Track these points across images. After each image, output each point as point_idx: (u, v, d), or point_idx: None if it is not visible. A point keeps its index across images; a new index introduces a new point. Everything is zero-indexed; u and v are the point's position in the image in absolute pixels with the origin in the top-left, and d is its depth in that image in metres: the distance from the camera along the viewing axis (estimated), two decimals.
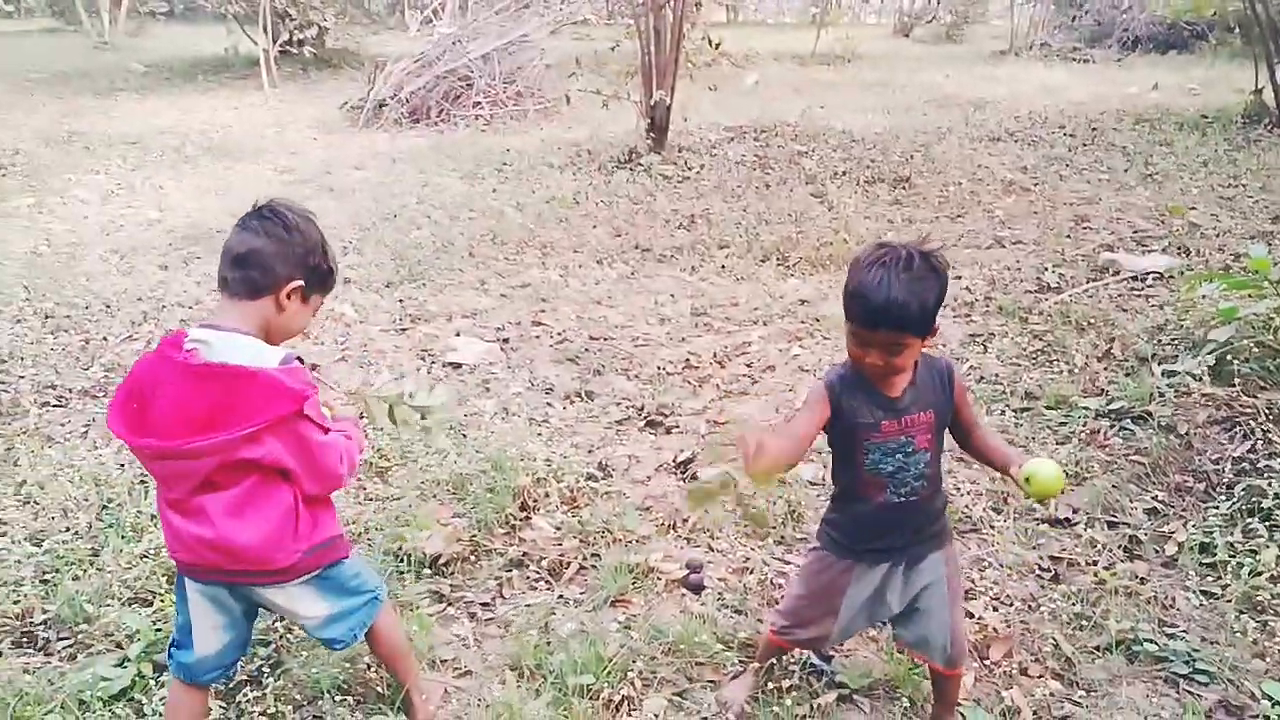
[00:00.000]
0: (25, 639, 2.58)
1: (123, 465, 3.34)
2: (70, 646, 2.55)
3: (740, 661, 2.46)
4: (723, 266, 5.63)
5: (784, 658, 2.46)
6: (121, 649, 2.50)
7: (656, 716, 2.26)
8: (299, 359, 1.86)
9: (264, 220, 1.88)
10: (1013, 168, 7.91)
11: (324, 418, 1.88)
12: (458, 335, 4.64)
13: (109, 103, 12.11)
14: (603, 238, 6.18)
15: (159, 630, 2.53)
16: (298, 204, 1.96)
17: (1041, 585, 2.76)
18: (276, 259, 1.86)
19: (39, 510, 3.08)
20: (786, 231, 6.14)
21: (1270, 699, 2.24)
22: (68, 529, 2.98)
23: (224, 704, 2.32)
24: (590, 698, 2.29)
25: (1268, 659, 2.38)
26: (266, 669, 2.45)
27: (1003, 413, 3.69)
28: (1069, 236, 5.99)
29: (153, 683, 2.38)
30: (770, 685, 2.32)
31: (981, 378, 3.98)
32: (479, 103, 10.72)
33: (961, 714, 2.27)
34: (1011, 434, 3.51)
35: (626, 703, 2.30)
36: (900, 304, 1.84)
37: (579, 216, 6.67)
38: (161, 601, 2.64)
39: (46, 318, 4.84)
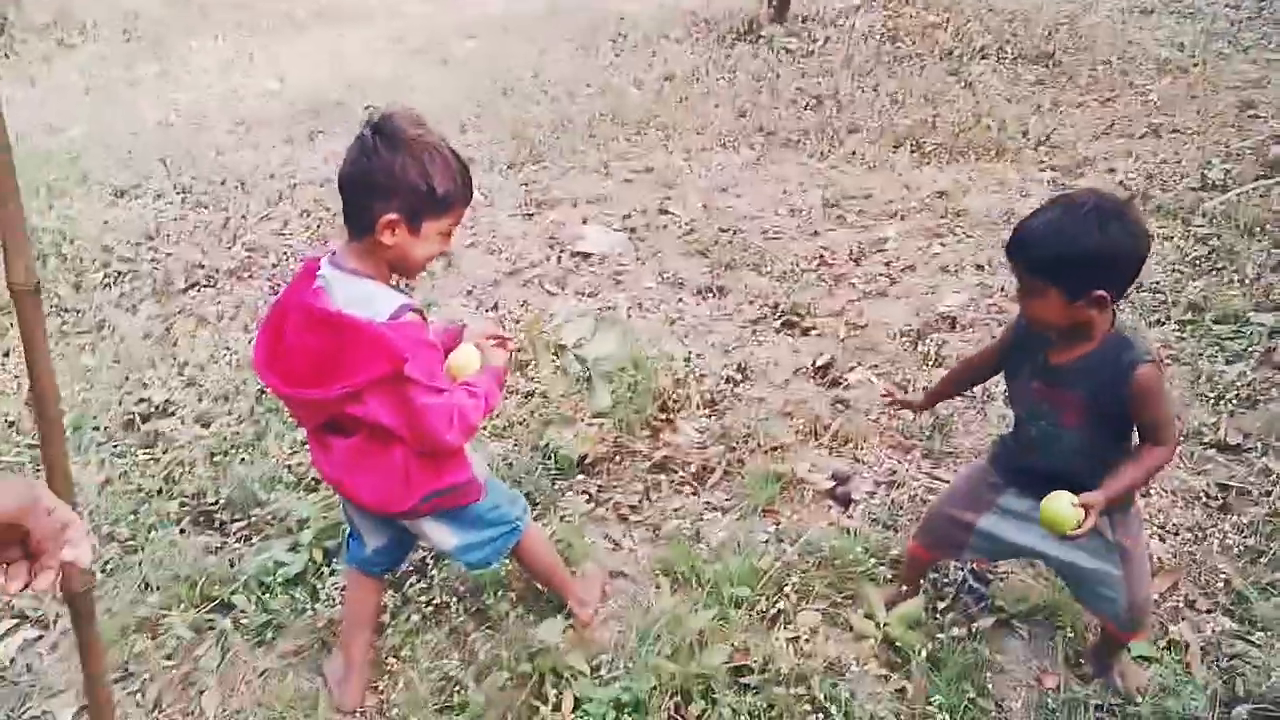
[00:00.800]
0: (203, 518, 2.72)
1: None
2: (244, 528, 2.69)
3: (890, 578, 2.46)
4: (853, 153, 5.38)
5: (939, 577, 2.45)
6: (292, 534, 2.62)
7: (814, 631, 2.27)
8: (416, 310, 1.76)
9: (354, 148, 1.74)
10: (1168, 44, 7.26)
11: (434, 376, 1.77)
12: (585, 223, 4.58)
13: None
14: (726, 119, 5.95)
15: (325, 517, 2.64)
16: (404, 111, 1.77)
17: (1209, 514, 2.66)
18: (365, 191, 1.72)
19: (202, 392, 3.21)
20: (921, 114, 5.80)
21: None
22: (230, 413, 3.11)
23: (392, 591, 2.43)
24: (747, 609, 2.32)
25: None
26: (430, 560, 2.54)
27: (1163, 323, 3.50)
28: (1234, 126, 5.51)
29: (325, 569, 2.50)
30: (927, 606, 2.30)
31: (1140, 285, 3.76)
32: None
33: (1125, 647, 2.23)
34: (1174, 349, 3.33)
35: (781, 615, 2.33)
36: (1033, 239, 1.78)
37: (699, 94, 6.42)
38: (326, 490, 2.74)
39: (185, 193, 4.94)
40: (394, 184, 1.70)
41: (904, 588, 2.36)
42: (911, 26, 7.69)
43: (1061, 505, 1.78)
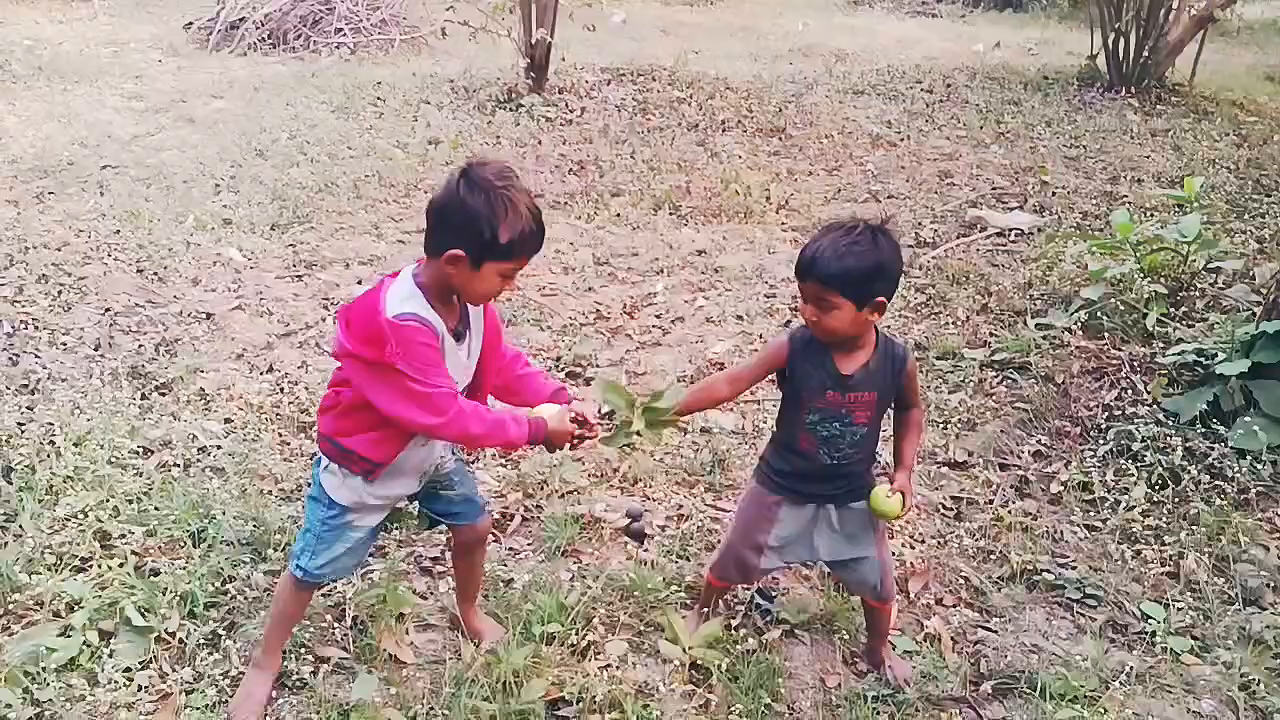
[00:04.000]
0: None
1: (23, 425, 3.14)
2: (1, 616, 2.44)
3: (686, 603, 2.63)
4: (618, 215, 5.69)
5: (729, 598, 2.65)
6: (61, 617, 2.41)
7: (623, 658, 2.39)
8: (418, 318, 1.90)
9: (445, 182, 1.91)
10: (878, 121, 8.25)
11: (425, 373, 1.90)
12: (359, 284, 4.54)
13: None
14: None
15: (99, 596, 2.46)
16: (496, 162, 1.93)
17: (947, 523, 3.06)
18: (439, 224, 1.92)
19: None
20: (676, 180, 6.25)
21: (1149, 617, 2.61)
22: None
23: (186, 666, 2.30)
24: (558, 644, 2.40)
25: (1144, 582, 2.75)
26: (221, 631, 2.43)
27: None
28: (937, 192, 6.37)
29: (103, 651, 2.33)
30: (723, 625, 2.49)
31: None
32: (341, 29, 10.21)
33: (891, 642, 2.52)
34: None
35: (592, 647, 2.43)
36: (825, 258, 2.03)
37: (464, 158, 6.54)
38: (98, 567, 2.55)
39: None
40: (463, 224, 1.87)
41: (703, 610, 2.54)
42: (660, 100, 8.26)
43: (882, 500, 2.17)
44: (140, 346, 3.83)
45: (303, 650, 2.36)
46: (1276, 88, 10.21)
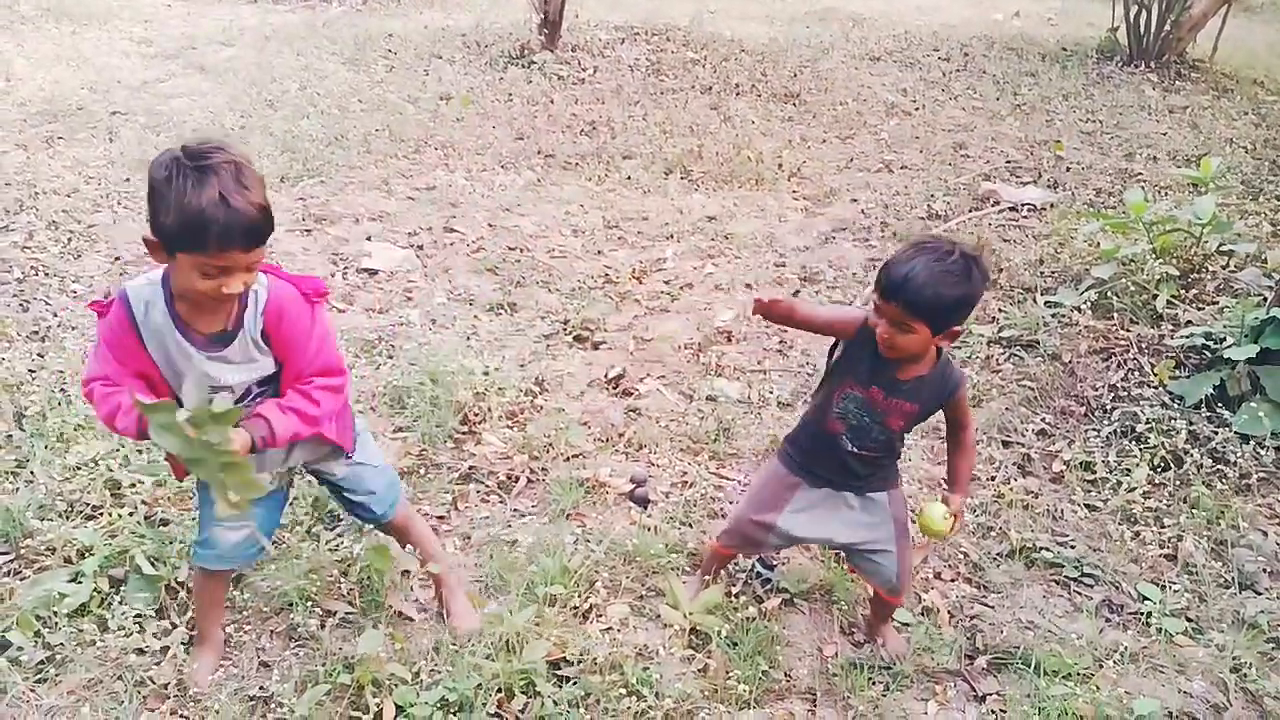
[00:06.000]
0: None
1: (33, 372, 3.16)
2: (13, 561, 2.48)
3: (688, 569, 2.66)
4: (628, 177, 5.66)
5: (731, 566, 2.67)
6: (72, 564, 2.45)
7: (624, 622, 2.43)
8: (118, 299, 1.79)
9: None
10: (893, 89, 8.17)
11: (92, 353, 1.86)
12: (369, 240, 4.53)
13: None
14: (504, 140, 6.08)
15: (110, 544, 2.49)
16: (214, 142, 1.69)
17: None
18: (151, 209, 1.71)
19: None
20: (688, 144, 6.20)
21: (1145, 598, 2.63)
22: None
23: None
24: (561, 606, 2.43)
25: (1141, 564, 2.77)
26: (230, 584, 2.46)
27: None
28: (950, 164, 6.32)
29: (114, 598, 2.36)
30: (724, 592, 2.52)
31: None
32: None
33: (892, 612, 2.54)
34: None
35: (594, 610, 2.46)
36: (915, 284, 1.90)
37: (476, 115, 6.51)
38: (108, 516, 2.58)
39: None
40: (151, 203, 1.67)
41: (704, 576, 2.57)
42: (674, 61, 8.17)
43: (938, 520, 2.17)
44: None
45: (310, 604, 2.40)
46: None
